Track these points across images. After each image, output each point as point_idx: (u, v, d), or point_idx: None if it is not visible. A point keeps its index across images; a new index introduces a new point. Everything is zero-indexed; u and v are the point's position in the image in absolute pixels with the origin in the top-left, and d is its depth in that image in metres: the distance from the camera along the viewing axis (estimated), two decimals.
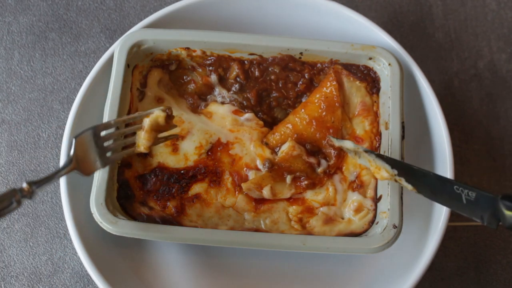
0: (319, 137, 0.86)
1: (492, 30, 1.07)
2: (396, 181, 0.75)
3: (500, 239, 0.96)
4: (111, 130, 0.77)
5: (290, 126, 0.87)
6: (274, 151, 0.86)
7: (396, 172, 0.75)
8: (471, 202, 0.66)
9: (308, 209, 0.84)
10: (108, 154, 0.76)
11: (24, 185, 0.62)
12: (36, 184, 0.64)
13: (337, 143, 0.81)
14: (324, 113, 0.86)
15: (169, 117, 0.77)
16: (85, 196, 0.82)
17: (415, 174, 0.73)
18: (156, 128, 0.77)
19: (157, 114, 0.76)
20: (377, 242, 0.79)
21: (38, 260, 0.92)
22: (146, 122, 0.77)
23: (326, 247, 0.79)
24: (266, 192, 0.83)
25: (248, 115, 0.88)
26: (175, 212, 0.82)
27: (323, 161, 0.85)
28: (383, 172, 0.75)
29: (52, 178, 0.66)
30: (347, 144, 0.79)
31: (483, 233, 0.96)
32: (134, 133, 0.79)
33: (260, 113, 0.89)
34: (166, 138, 0.81)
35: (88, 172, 0.72)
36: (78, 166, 0.70)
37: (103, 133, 0.75)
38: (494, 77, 1.04)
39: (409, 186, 0.73)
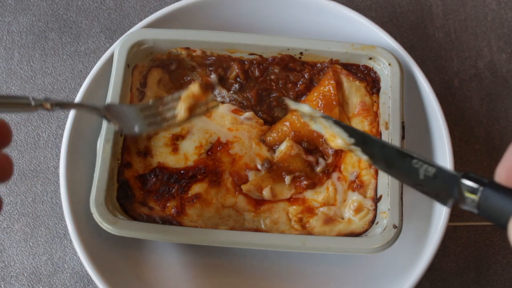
0: (316, 135, 0.86)
1: (492, 30, 1.07)
2: (351, 150, 0.70)
3: (500, 239, 0.96)
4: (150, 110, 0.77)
5: (287, 124, 0.87)
6: (272, 149, 0.86)
7: (353, 141, 0.69)
8: (429, 178, 0.63)
9: (308, 209, 0.84)
10: (148, 124, 0.76)
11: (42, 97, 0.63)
12: (53, 101, 0.63)
13: (293, 106, 0.75)
14: (321, 111, 0.86)
15: (205, 86, 0.76)
16: (85, 196, 0.82)
17: (373, 145, 0.70)
18: (193, 98, 0.76)
19: (192, 88, 0.76)
20: (377, 242, 0.79)
21: (38, 260, 0.92)
22: (183, 93, 0.76)
23: (326, 247, 0.79)
24: (266, 193, 0.83)
25: (248, 114, 0.88)
26: (175, 212, 0.81)
27: (321, 160, 0.85)
28: (338, 140, 0.70)
29: (74, 106, 0.69)
30: (303, 108, 0.72)
31: (483, 233, 0.96)
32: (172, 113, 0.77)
33: (260, 113, 0.89)
34: (206, 109, 0.78)
35: (126, 129, 0.73)
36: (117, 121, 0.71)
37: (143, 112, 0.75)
38: (494, 77, 1.04)
39: (364, 157, 0.69)
